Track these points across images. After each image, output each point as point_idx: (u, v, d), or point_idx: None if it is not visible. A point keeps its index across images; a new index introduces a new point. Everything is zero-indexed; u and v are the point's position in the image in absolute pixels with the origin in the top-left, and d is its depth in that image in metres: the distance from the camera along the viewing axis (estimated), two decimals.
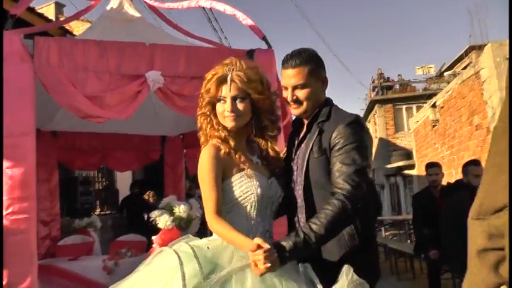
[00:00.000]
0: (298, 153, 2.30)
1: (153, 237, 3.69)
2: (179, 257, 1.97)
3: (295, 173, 2.28)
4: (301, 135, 2.32)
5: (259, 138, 2.30)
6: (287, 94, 2.27)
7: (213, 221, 2.08)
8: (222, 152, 2.15)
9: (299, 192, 2.23)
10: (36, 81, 3.47)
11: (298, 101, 2.25)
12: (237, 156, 2.17)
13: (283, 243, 1.95)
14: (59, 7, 13.35)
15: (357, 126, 2.16)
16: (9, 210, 3.15)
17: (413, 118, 15.13)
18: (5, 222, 3.13)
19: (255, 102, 2.19)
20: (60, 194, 6.44)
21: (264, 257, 1.84)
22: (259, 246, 1.87)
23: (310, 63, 2.25)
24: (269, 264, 1.84)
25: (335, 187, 2.06)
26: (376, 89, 27.20)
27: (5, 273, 3.07)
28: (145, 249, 5.78)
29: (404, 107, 25.14)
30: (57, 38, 3.84)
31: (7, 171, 3.18)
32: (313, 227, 1.98)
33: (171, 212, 3.72)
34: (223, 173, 2.15)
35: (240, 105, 2.16)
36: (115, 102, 3.56)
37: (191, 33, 5.58)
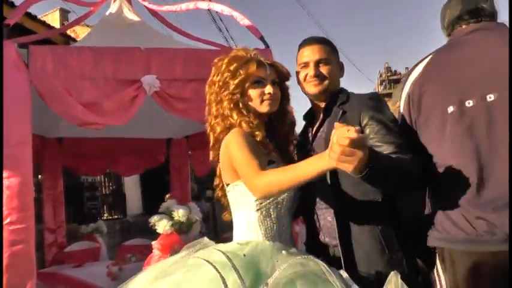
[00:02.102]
0: (314, 143, 2.17)
1: (153, 242, 3.67)
2: (217, 270, 1.65)
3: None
4: (318, 123, 2.19)
5: (280, 126, 2.15)
6: (307, 71, 2.17)
7: (260, 180, 1.74)
8: (257, 137, 1.96)
9: (327, 181, 2.02)
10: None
11: (321, 76, 2.16)
12: (269, 146, 1.99)
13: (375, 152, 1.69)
14: (64, 13, 13.34)
15: (381, 100, 2.10)
16: (8, 220, 3.12)
17: None
18: (4, 233, 3.12)
19: (283, 87, 2.12)
20: (66, 200, 6.45)
21: (357, 137, 1.42)
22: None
23: (331, 45, 2.24)
24: (360, 152, 1.46)
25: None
26: (384, 83, 27.05)
27: (4, 283, 3.06)
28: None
29: None
30: (52, 46, 3.85)
31: (5, 182, 3.17)
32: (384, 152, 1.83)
33: (170, 217, 3.69)
34: None
35: (277, 89, 2.06)
36: (112, 109, 3.53)
37: (192, 35, 5.54)
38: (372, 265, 1.93)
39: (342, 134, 1.44)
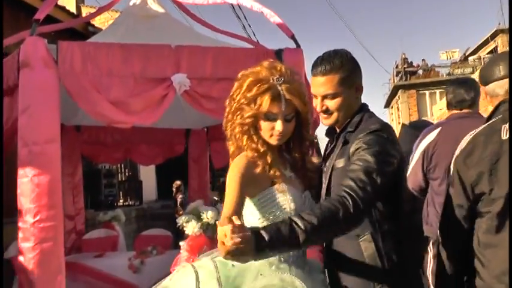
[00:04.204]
0: (327, 165, 2.16)
1: (181, 243, 3.64)
2: (197, 276, 1.89)
3: (323, 186, 2.12)
4: (331, 146, 2.18)
5: (296, 150, 2.18)
6: (316, 103, 2.10)
7: None
8: (258, 167, 2.02)
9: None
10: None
11: (328, 111, 2.08)
12: (271, 171, 2.04)
13: (265, 227, 1.70)
14: None
15: (380, 133, 1.96)
16: (37, 217, 3.14)
17: (437, 105, 14.85)
18: (33, 230, 3.14)
19: (301, 116, 2.09)
20: (83, 187, 6.48)
21: (231, 231, 1.51)
22: (230, 221, 1.58)
23: (343, 69, 2.03)
24: (238, 240, 1.51)
25: (341, 185, 1.84)
26: (400, 74, 26.76)
27: (33, 282, 3.09)
28: (171, 245, 5.81)
29: (427, 92, 24.73)
30: (81, 42, 3.79)
31: (34, 179, 3.17)
32: (305, 216, 1.71)
33: (198, 218, 3.63)
34: (255, 188, 2.02)
35: (289, 124, 2.04)
36: (140, 107, 3.50)
37: (218, 28, 5.48)
38: None
39: (219, 232, 1.54)
